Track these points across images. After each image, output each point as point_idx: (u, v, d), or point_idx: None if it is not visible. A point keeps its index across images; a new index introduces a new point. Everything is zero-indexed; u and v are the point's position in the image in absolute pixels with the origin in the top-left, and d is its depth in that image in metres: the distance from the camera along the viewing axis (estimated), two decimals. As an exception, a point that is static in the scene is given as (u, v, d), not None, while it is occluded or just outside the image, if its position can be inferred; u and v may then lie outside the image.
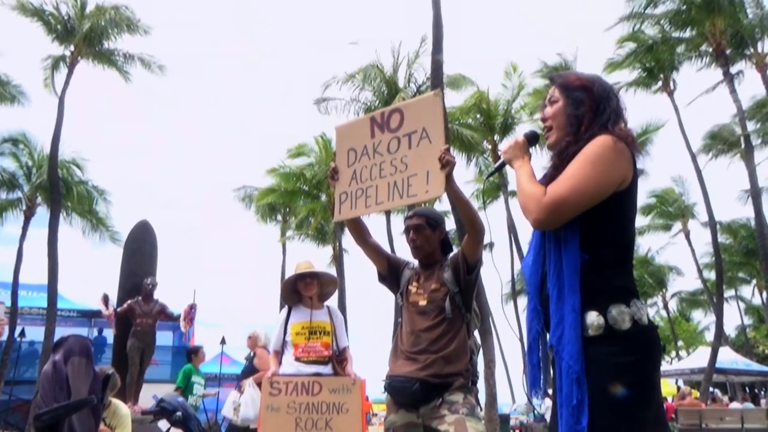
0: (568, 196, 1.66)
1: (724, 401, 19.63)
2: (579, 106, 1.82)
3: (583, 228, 1.68)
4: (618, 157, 1.69)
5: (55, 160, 17.17)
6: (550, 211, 1.67)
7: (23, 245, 18.95)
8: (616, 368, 1.58)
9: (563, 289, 1.66)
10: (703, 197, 19.98)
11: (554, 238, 1.73)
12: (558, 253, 1.71)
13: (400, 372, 2.77)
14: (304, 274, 4.22)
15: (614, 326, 1.62)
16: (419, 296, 2.88)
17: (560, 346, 1.62)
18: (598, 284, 1.66)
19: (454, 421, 2.58)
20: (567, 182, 1.68)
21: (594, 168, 1.67)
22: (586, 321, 1.62)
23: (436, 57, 12.51)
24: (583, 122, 1.81)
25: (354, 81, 19.87)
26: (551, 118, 1.88)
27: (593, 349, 1.59)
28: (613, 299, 1.65)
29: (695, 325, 42.06)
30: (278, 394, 3.73)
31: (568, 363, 1.58)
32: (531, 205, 1.71)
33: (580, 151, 1.73)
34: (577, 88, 1.86)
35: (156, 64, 18.48)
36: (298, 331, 4.11)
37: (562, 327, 1.63)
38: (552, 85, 1.93)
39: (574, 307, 1.62)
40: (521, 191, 1.78)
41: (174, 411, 5.40)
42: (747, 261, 31.49)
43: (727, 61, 18.79)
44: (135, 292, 8.91)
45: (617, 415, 1.54)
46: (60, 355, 4.04)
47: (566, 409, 1.55)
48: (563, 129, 1.85)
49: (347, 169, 2.84)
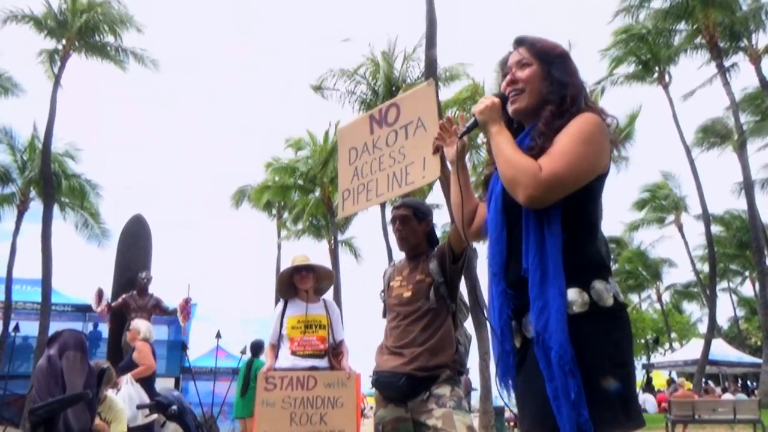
0: (565, 173, 1.55)
1: (716, 392, 19.79)
2: (564, 73, 1.74)
3: (564, 207, 1.59)
4: (605, 138, 1.63)
5: (48, 154, 17.09)
6: (547, 189, 1.54)
7: (17, 239, 18.90)
8: (607, 348, 1.52)
9: (547, 272, 1.54)
10: (697, 190, 20.08)
11: (536, 217, 1.60)
12: (540, 233, 1.58)
13: (386, 367, 2.78)
14: (299, 267, 4.22)
15: (599, 303, 1.55)
16: (403, 288, 2.87)
17: (547, 334, 1.50)
18: (578, 261, 1.57)
19: (441, 415, 2.58)
20: (563, 159, 1.56)
21: (588, 147, 1.59)
22: (568, 298, 1.53)
23: (429, 52, 12.50)
24: (567, 93, 1.70)
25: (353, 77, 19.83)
26: (525, 82, 1.75)
27: (577, 327, 1.50)
28: (593, 275, 1.58)
29: (688, 317, 42.32)
30: (273, 389, 3.74)
31: (558, 353, 1.47)
32: (525, 179, 1.56)
33: (565, 125, 1.64)
34: (558, 55, 1.78)
35: (149, 58, 18.39)
36: (294, 325, 4.12)
37: (548, 313, 1.51)
38: (520, 46, 1.82)
39: (560, 290, 1.52)
40: (507, 161, 1.62)
41: (169, 405, 5.39)
42: (740, 253, 31.71)
43: (720, 53, 18.85)
44: (130, 287, 8.90)
45: (615, 399, 1.48)
46: (55, 349, 4.04)
47: (564, 402, 1.45)
48: (537, 95, 1.74)
49: (349, 167, 2.86)
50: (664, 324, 37.69)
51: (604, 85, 22.20)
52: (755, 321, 36.63)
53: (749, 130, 19.32)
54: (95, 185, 20.34)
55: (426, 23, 12.57)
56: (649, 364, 27.07)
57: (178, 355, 14.65)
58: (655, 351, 36.30)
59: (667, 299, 39.67)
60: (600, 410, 1.45)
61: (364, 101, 19.84)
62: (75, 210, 20.29)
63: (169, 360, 15.25)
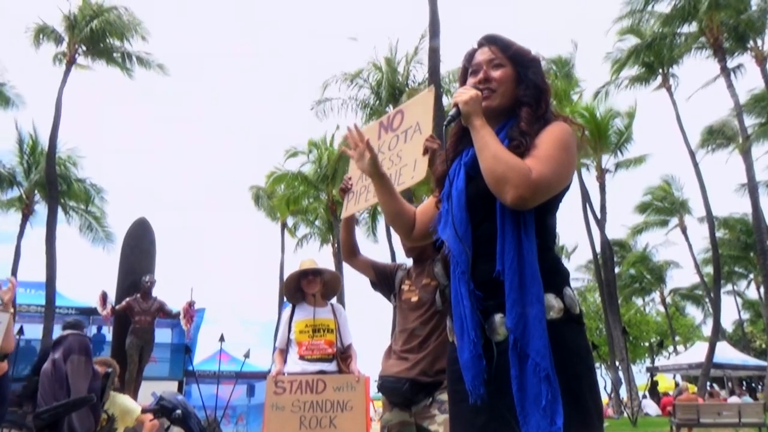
0: (551, 178, 1.55)
1: (721, 396, 19.70)
2: (537, 78, 1.74)
3: (537, 213, 1.58)
4: (576, 148, 1.66)
5: (53, 158, 17.16)
6: (536, 191, 1.52)
7: (21, 243, 18.96)
8: (579, 354, 1.52)
9: (525, 276, 1.50)
10: (701, 192, 20.02)
11: (513, 219, 1.56)
12: (517, 236, 1.55)
13: (391, 372, 2.80)
14: (306, 271, 4.21)
15: (570, 309, 1.55)
16: (411, 293, 2.91)
17: (524, 341, 1.45)
18: (549, 267, 1.57)
19: (443, 421, 2.60)
20: (549, 163, 1.55)
21: (567, 155, 1.60)
22: (545, 303, 1.50)
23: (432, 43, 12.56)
24: (541, 97, 1.71)
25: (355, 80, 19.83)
26: (498, 82, 1.73)
27: (554, 333, 1.47)
28: (563, 282, 1.60)
29: (692, 320, 42.19)
30: (282, 393, 3.74)
31: (534, 360, 1.43)
32: (516, 178, 1.51)
33: (541, 129, 1.64)
34: (532, 60, 1.78)
35: (155, 62, 18.45)
36: (302, 329, 4.12)
37: (525, 319, 1.47)
38: (490, 45, 1.79)
39: (538, 296, 1.48)
40: (497, 158, 1.56)
41: (174, 409, 5.39)
42: (743, 255, 31.61)
43: (724, 55, 18.80)
44: (134, 290, 8.90)
45: (590, 404, 1.47)
46: (59, 353, 4.05)
47: (534, 410, 1.40)
48: (509, 97, 1.73)
49: (356, 171, 2.88)
50: (669, 327, 37.56)
51: (608, 88, 22.21)
52: (760, 324, 36.54)
53: (755, 133, 19.27)
54: (100, 189, 20.43)
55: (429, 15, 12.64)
56: (654, 368, 26.96)
57: (181, 358, 14.65)
58: (659, 354, 36.15)
59: (670, 302, 39.56)
60: (581, 415, 1.44)
61: (367, 105, 19.86)
62: (79, 213, 20.37)
63: (173, 363, 15.25)
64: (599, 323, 30.63)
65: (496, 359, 1.51)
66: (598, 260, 23.37)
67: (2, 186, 19.59)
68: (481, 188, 1.62)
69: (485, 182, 1.59)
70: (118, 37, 17.86)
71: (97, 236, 20.42)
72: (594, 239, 23.32)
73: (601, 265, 22.88)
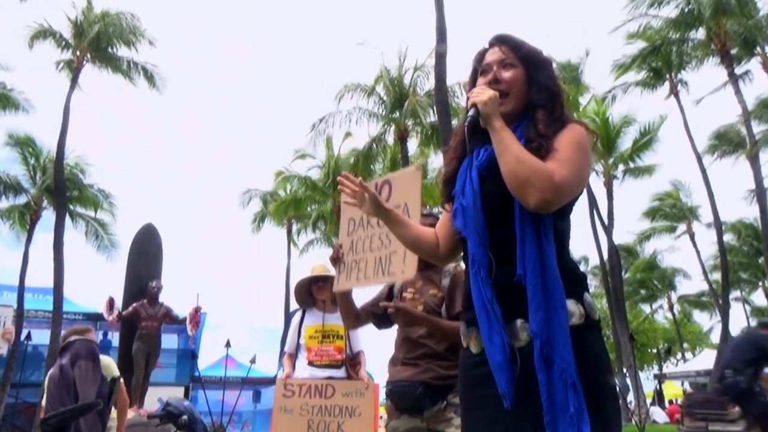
0: (573, 181, 1.53)
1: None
2: (549, 80, 1.71)
3: (555, 216, 1.56)
4: (591, 151, 1.66)
5: (61, 164, 17.25)
6: (560, 194, 1.51)
7: (29, 248, 19.04)
8: (600, 360, 1.52)
9: (547, 281, 1.47)
10: (709, 198, 19.93)
11: (533, 222, 1.54)
12: (538, 240, 1.52)
13: (401, 376, 2.76)
14: (317, 277, 4.21)
15: (591, 315, 1.54)
16: (416, 301, 2.84)
17: (549, 347, 1.43)
18: (567, 272, 1.54)
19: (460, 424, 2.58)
20: (570, 166, 1.53)
21: (585, 158, 1.59)
22: (567, 309, 1.49)
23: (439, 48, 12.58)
24: (555, 100, 1.68)
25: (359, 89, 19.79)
26: (509, 84, 1.69)
27: (577, 339, 1.45)
28: (583, 287, 1.59)
29: (701, 327, 41.91)
30: (291, 396, 3.74)
31: (560, 366, 1.40)
32: (541, 181, 1.48)
33: (557, 131, 1.61)
34: (544, 61, 1.75)
35: (159, 75, 18.57)
36: (311, 335, 4.12)
37: (550, 324, 1.44)
38: (501, 45, 1.75)
39: (561, 302, 1.46)
40: (520, 160, 1.52)
41: (180, 415, 5.39)
42: (751, 261, 31.41)
43: (731, 61, 18.74)
44: (140, 295, 8.92)
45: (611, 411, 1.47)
46: (67, 359, 4.05)
47: (562, 418, 1.37)
48: (521, 99, 1.69)
49: (347, 238, 2.83)
50: (677, 334, 37.32)
51: (615, 92, 22.17)
52: (769, 331, 36.16)
53: (762, 139, 19.16)
54: (108, 194, 20.51)
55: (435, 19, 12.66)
56: (661, 375, 26.80)
57: (187, 364, 14.67)
58: (667, 361, 35.92)
59: (677, 308, 39.33)
60: (602, 423, 1.42)
61: (373, 114, 19.85)
62: (86, 220, 20.44)
63: (179, 369, 15.28)
64: (606, 330, 30.48)
65: (519, 365, 1.47)
66: (605, 266, 23.27)
67: (7, 193, 19.66)
68: (496, 190, 1.60)
69: (501, 184, 1.56)
70: (126, 44, 17.96)
71: (102, 244, 20.47)
72: (601, 245, 23.26)
73: (609, 271, 22.78)
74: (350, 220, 2.86)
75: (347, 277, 2.76)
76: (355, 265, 2.72)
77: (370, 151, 20.31)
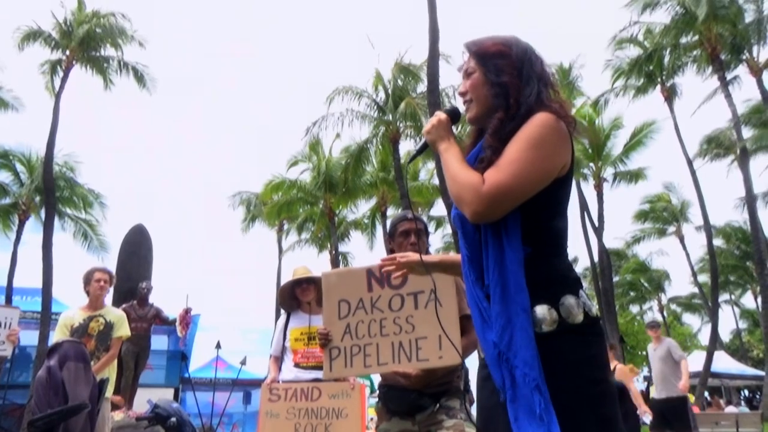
0: (511, 184, 1.46)
1: (721, 405, 19.66)
2: (499, 74, 1.60)
3: (524, 218, 1.50)
4: (560, 138, 1.52)
5: (50, 164, 17.15)
6: (491, 202, 1.46)
7: (18, 249, 18.92)
8: (579, 367, 1.43)
9: (508, 287, 1.46)
10: (699, 202, 20.09)
11: (493, 230, 1.52)
12: (499, 247, 1.50)
13: (397, 380, 2.76)
14: (300, 279, 4.22)
15: (567, 319, 1.46)
16: None
17: (510, 353, 1.42)
18: (545, 276, 1.50)
19: (452, 426, 2.59)
20: (509, 168, 1.47)
21: (537, 152, 1.49)
22: (537, 316, 1.45)
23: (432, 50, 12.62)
24: (509, 94, 1.58)
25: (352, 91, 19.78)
26: (470, 91, 1.67)
27: (547, 346, 1.42)
28: (563, 290, 1.50)
29: (690, 329, 42.16)
30: (277, 400, 3.72)
31: (522, 370, 1.39)
32: (468, 195, 1.48)
33: (517, 129, 1.53)
34: (494, 54, 1.64)
35: (149, 76, 18.51)
36: (297, 337, 4.12)
37: (511, 330, 1.43)
38: (467, 52, 1.72)
39: (523, 306, 1.44)
40: (453, 178, 1.54)
41: (168, 417, 5.37)
42: (740, 265, 31.67)
43: (722, 66, 18.90)
44: (130, 296, 8.88)
45: (586, 419, 1.39)
46: (55, 360, 4.02)
47: (527, 422, 1.36)
48: (484, 103, 1.64)
49: (338, 321, 2.71)
50: (666, 336, 37.48)
51: (608, 96, 22.31)
52: (757, 333, 36.45)
53: (752, 140, 19.31)
54: (98, 195, 20.38)
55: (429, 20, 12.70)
56: (651, 377, 26.93)
57: (177, 365, 14.56)
58: (656, 363, 36.09)
59: (667, 311, 39.54)
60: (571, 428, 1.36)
61: (366, 116, 19.84)
62: (74, 220, 20.31)
63: (169, 371, 15.16)
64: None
65: None
66: (595, 269, 23.38)
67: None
68: None
69: None
70: (113, 44, 17.89)
71: (92, 244, 20.34)
72: (592, 248, 23.37)
73: (599, 273, 22.89)
74: (341, 301, 2.75)
75: (347, 363, 2.65)
76: (359, 351, 2.63)
77: (360, 154, 20.33)
